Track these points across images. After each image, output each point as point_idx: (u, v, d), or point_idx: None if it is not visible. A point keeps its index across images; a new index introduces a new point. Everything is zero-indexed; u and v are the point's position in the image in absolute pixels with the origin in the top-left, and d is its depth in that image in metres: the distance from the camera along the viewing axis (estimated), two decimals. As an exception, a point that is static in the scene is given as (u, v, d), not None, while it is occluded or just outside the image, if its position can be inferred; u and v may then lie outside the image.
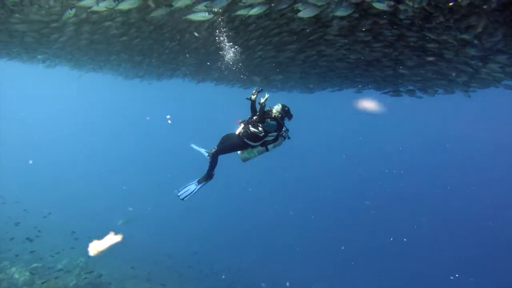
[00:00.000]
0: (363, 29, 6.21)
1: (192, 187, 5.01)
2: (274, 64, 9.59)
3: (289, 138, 5.11)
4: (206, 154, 5.18)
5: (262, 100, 4.70)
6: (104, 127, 46.57)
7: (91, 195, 22.97)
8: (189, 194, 4.96)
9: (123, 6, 5.58)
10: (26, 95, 40.81)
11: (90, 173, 29.80)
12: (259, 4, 5.50)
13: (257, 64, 9.57)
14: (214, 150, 4.96)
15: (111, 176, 30.45)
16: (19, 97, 39.57)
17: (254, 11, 5.60)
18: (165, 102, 37.77)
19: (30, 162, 25.12)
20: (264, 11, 5.65)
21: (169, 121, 8.47)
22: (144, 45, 8.94)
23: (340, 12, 5.20)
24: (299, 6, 5.26)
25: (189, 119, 43.89)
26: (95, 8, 5.69)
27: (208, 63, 10.64)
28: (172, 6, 5.64)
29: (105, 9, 5.59)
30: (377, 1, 4.75)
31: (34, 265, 11.70)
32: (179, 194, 4.96)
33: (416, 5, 4.94)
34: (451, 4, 4.73)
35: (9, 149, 28.02)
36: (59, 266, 12.33)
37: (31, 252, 11.54)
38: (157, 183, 28.87)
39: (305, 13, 5.21)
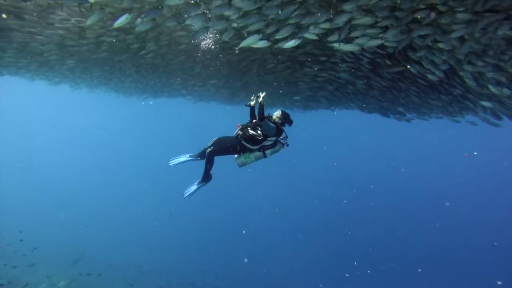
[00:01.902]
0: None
1: (194, 187, 5.11)
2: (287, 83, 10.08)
3: (287, 145, 5.07)
4: (190, 158, 5.13)
5: (260, 99, 4.68)
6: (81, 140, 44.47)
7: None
8: (191, 193, 5.09)
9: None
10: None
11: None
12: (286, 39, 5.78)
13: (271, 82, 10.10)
14: (210, 149, 4.84)
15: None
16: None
17: (290, 44, 5.78)
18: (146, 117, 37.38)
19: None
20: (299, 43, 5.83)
21: None
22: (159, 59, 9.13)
23: (371, 43, 5.85)
24: (335, 45, 5.68)
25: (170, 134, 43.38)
26: (139, 28, 5.88)
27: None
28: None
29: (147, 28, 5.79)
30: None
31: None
32: (184, 194, 5.10)
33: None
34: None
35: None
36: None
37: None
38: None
39: (346, 47, 5.69)
